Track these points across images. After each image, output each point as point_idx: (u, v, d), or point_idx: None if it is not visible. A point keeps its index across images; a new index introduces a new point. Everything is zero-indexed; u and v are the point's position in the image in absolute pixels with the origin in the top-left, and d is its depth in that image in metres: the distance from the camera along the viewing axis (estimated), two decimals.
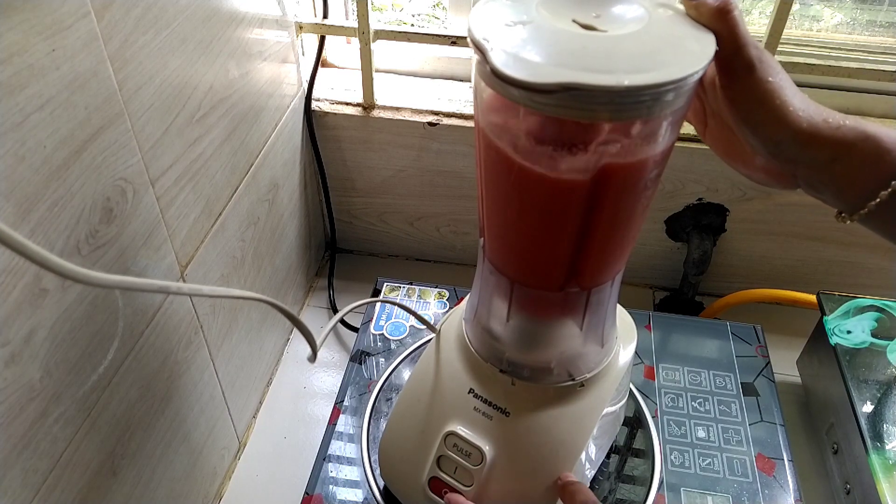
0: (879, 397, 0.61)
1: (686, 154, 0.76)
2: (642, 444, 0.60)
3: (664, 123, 0.35)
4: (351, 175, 0.85)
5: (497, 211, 0.41)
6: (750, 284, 0.84)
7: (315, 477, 0.57)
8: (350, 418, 0.62)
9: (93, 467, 0.44)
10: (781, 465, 0.58)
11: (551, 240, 0.40)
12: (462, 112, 0.79)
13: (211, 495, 0.65)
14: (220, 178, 0.58)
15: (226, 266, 0.61)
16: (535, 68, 0.31)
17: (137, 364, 0.48)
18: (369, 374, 0.66)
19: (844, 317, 0.68)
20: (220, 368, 0.62)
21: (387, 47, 0.84)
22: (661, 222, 0.83)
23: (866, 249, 0.80)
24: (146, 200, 0.46)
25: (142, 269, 0.47)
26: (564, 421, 0.48)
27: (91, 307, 0.41)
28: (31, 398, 0.37)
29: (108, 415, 0.45)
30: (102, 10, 0.39)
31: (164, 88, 0.47)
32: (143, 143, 0.45)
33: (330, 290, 0.87)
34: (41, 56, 0.35)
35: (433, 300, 0.73)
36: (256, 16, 0.62)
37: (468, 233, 0.89)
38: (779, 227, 0.81)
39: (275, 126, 0.70)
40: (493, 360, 0.49)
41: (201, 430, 0.60)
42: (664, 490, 0.56)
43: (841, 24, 0.80)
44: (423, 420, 0.51)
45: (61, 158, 0.37)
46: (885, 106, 0.79)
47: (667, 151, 0.38)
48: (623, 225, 0.40)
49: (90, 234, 0.41)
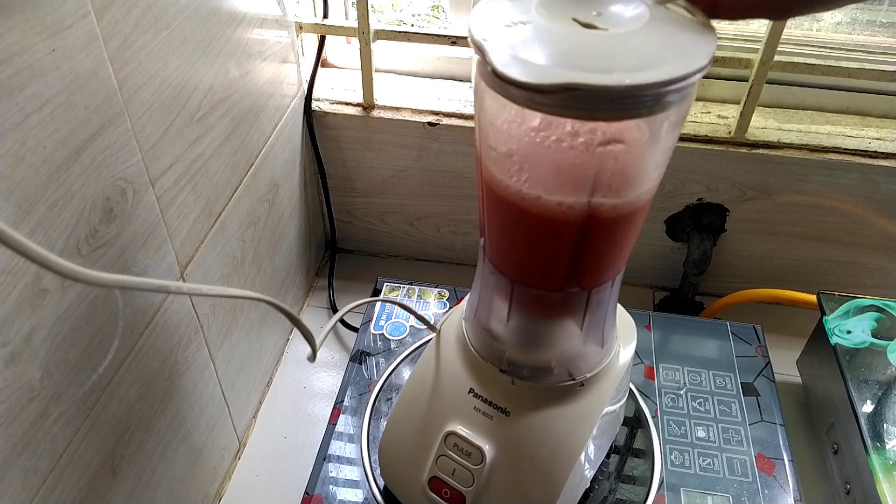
0: (879, 397, 0.61)
1: (686, 154, 0.76)
2: (642, 444, 0.60)
3: (665, 123, 0.35)
4: (351, 175, 0.85)
5: (497, 212, 0.41)
6: (750, 284, 0.84)
7: (315, 477, 0.57)
8: (350, 418, 0.62)
9: (93, 467, 0.44)
10: (781, 465, 0.58)
11: (552, 241, 0.40)
12: (462, 112, 0.79)
13: (211, 495, 0.65)
14: (220, 178, 0.58)
15: (226, 266, 0.61)
16: (536, 68, 0.31)
17: (137, 364, 0.48)
18: (369, 374, 0.66)
19: (844, 317, 0.68)
20: (220, 368, 0.62)
21: (387, 47, 0.84)
22: (661, 222, 0.83)
23: (866, 249, 0.80)
24: (146, 200, 0.46)
25: (142, 269, 0.47)
26: (564, 420, 0.48)
27: (91, 307, 0.41)
28: (31, 398, 0.37)
29: (108, 415, 0.45)
30: (102, 10, 0.39)
31: (164, 88, 0.47)
32: (143, 143, 0.45)
33: (330, 290, 0.87)
34: (41, 56, 0.35)
35: (433, 300, 0.73)
36: (256, 16, 0.62)
37: (468, 233, 0.89)
38: (779, 227, 0.81)
39: (275, 126, 0.70)
40: (493, 359, 0.49)
41: (201, 430, 0.60)
42: (664, 490, 0.56)
43: (841, 24, 0.80)
44: (423, 420, 0.51)
45: (61, 158, 0.37)
46: (886, 106, 0.79)
47: (668, 152, 0.38)
48: (624, 227, 0.40)
49: (90, 234, 0.41)
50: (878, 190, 0.75)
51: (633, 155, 0.36)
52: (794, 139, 0.75)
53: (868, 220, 0.77)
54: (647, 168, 0.37)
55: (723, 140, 0.76)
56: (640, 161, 0.37)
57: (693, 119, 0.79)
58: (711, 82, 0.81)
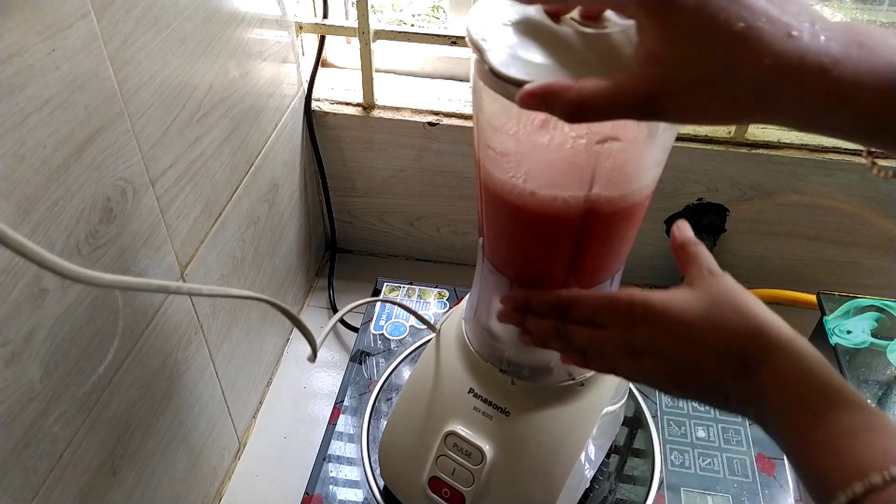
0: (879, 397, 0.61)
1: (686, 154, 0.76)
2: (642, 444, 0.60)
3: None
4: (351, 175, 0.85)
5: (496, 211, 0.41)
6: (750, 284, 0.83)
7: (315, 477, 0.57)
8: (350, 418, 0.62)
9: (93, 467, 0.44)
10: (781, 465, 0.58)
11: (550, 240, 0.40)
12: (462, 112, 0.79)
13: (211, 495, 0.65)
14: (220, 178, 0.58)
15: (226, 266, 0.61)
16: (534, 67, 0.31)
17: (137, 364, 0.48)
18: (369, 374, 0.66)
19: (844, 317, 0.68)
20: (220, 368, 0.62)
21: (387, 47, 0.84)
22: (661, 222, 0.83)
23: (866, 249, 0.80)
24: (146, 200, 0.46)
25: (142, 269, 0.47)
26: (564, 420, 0.48)
27: (91, 307, 0.41)
28: (31, 398, 0.37)
29: (108, 415, 0.45)
30: (102, 10, 0.39)
31: (164, 88, 0.47)
32: (143, 143, 0.45)
33: (330, 290, 0.87)
34: (41, 56, 0.35)
35: (433, 300, 0.73)
36: (256, 16, 0.62)
37: (468, 233, 0.89)
38: (779, 227, 0.81)
39: (275, 126, 0.70)
40: (492, 359, 0.49)
41: (201, 430, 0.60)
42: (664, 490, 0.56)
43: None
44: (423, 420, 0.51)
45: (61, 158, 0.37)
46: None
47: (666, 150, 0.38)
48: (622, 225, 0.40)
49: (90, 234, 0.41)
50: (878, 190, 0.75)
51: (631, 152, 0.36)
52: (794, 139, 0.75)
53: (868, 219, 0.77)
54: (645, 165, 0.37)
55: (723, 140, 0.76)
56: (637, 158, 0.37)
57: None
58: None
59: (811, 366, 0.31)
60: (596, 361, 0.39)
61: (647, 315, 0.35)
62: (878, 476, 0.26)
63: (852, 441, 0.28)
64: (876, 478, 0.26)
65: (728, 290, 0.35)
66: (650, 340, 0.35)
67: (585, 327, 0.38)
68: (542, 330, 0.40)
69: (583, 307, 0.38)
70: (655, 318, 0.35)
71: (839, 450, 0.28)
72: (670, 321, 0.35)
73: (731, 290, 0.35)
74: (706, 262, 0.38)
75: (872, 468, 0.26)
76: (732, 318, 0.34)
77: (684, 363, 0.34)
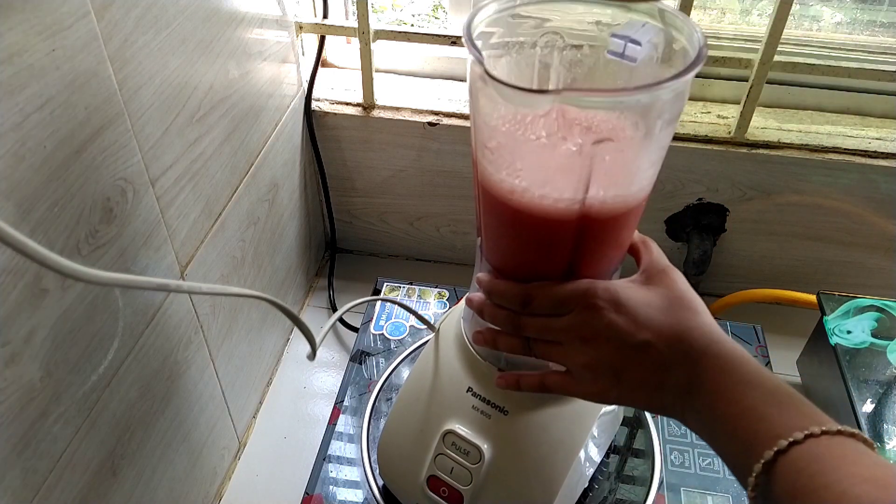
0: (879, 397, 0.61)
1: (686, 154, 0.76)
2: (642, 444, 0.60)
3: (659, 122, 0.35)
4: (351, 175, 0.86)
5: (494, 211, 0.41)
6: (750, 284, 0.84)
7: (315, 477, 0.57)
8: (350, 418, 0.62)
9: (93, 467, 0.44)
10: None
11: (548, 240, 0.40)
12: (462, 112, 0.79)
13: (211, 495, 0.65)
14: (220, 178, 0.58)
15: (226, 266, 0.61)
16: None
17: (137, 364, 0.48)
18: (369, 374, 0.66)
19: (844, 317, 0.68)
20: (220, 368, 0.62)
21: (387, 47, 0.84)
22: (661, 222, 0.83)
23: (866, 249, 0.80)
24: (146, 200, 0.46)
25: (142, 268, 0.47)
26: (563, 420, 0.48)
27: (91, 307, 0.41)
28: (31, 398, 0.37)
29: (108, 415, 0.45)
30: (102, 10, 0.39)
31: (164, 88, 0.47)
32: (143, 143, 0.45)
33: (330, 290, 0.87)
34: (41, 56, 0.35)
35: (433, 300, 0.73)
36: (256, 16, 0.62)
37: (468, 233, 0.89)
38: (779, 227, 0.81)
39: (275, 126, 0.70)
40: (491, 358, 0.49)
41: (201, 430, 0.60)
42: (664, 490, 0.56)
43: (841, 24, 0.80)
44: (421, 419, 0.51)
45: (61, 158, 0.37)
46: (885, 106, 0.79)
47: (662, 150, 0.38)
48: (619, 225, 0.40)
49: (90, 233, 0.41)
50: (878, 190, 0.75)
51: (627, 153, 0.36)
52: (794, 139, 0.75)
53: (868, 220, 0.77)
54: (642, 166, 0.37)
55: (723, 140, 0.76)
56: (634, 159, 0.37)
57: (693, 119, 0.79)
58: (711, 82, 0.81)
59: (744, 357, 0.36)
60: (540, 347, 0.42)
61: (611, 300, 0.38)
62: (785, 441, 0.31)
63: (772, 411, 0.33)
64: (782, 443, 0.31)
65: (684, 287, 0.40)
66: (607, 325, 0.38)
67: (539, 318, 0.41)
68: (498, 320, 0.43)
69: (545, 297, 0.40)
70: (618, 303, 0.38)
71: (762, 417, 0.33)
72: (630, 307, 0.38)
73: (686, 288, 0.40)
74: (660, 257, 0.42)
75: (781, 436, 0.31)
76: (686, 314, 0.38)
77: (637, 347, 0.38)
